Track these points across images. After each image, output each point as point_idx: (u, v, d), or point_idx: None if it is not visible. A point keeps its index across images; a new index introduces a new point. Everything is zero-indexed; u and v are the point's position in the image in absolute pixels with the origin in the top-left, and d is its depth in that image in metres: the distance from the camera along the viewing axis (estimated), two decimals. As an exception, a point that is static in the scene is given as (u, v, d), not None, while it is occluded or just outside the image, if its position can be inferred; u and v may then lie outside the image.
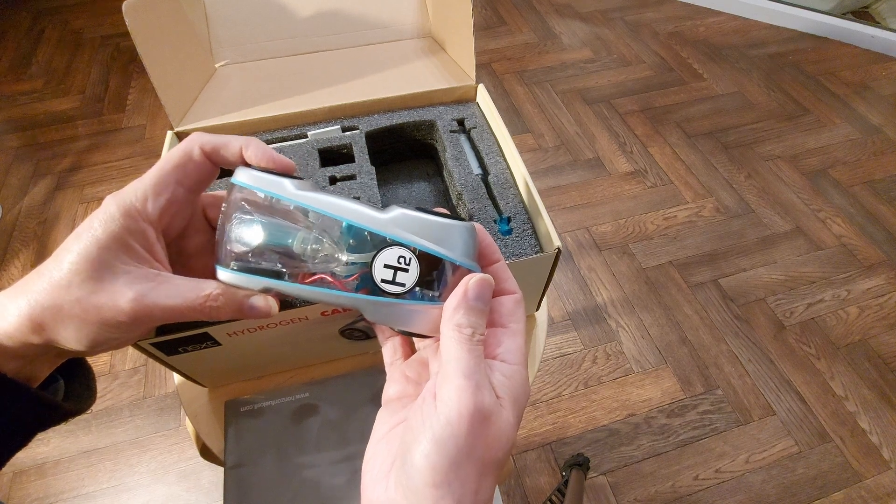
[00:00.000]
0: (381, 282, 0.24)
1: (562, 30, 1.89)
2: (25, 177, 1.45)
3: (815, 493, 0.93)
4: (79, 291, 0.23)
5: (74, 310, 0.23)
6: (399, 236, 0.24)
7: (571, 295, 1.19)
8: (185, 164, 0.26)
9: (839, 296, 1.17)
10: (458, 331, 0.22)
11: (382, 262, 0.24)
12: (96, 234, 0.23)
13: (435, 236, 0.24)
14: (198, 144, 0.26)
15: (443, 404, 0.20)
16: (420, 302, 0.24)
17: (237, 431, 0.41)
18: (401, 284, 0.24)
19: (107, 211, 0.24)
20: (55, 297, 0.22)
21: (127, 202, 0.24)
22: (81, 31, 1.93)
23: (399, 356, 0.28)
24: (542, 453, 0.98)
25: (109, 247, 0.23)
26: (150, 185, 0.25)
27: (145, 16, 0.42)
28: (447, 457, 0.20)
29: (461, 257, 0.24)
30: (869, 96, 1.62)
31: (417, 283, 0.24)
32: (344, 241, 0.24)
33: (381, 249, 0.24)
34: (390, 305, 0.24)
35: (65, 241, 0.24)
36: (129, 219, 0.24)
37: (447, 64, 0.54)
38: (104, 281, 0.23)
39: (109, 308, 0.23)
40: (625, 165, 1.45)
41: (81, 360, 0.29)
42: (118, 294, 0.23)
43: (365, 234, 0.24)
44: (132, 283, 0.23)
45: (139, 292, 0.23)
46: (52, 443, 0.99)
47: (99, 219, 0.24)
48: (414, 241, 0.24)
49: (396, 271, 0.24)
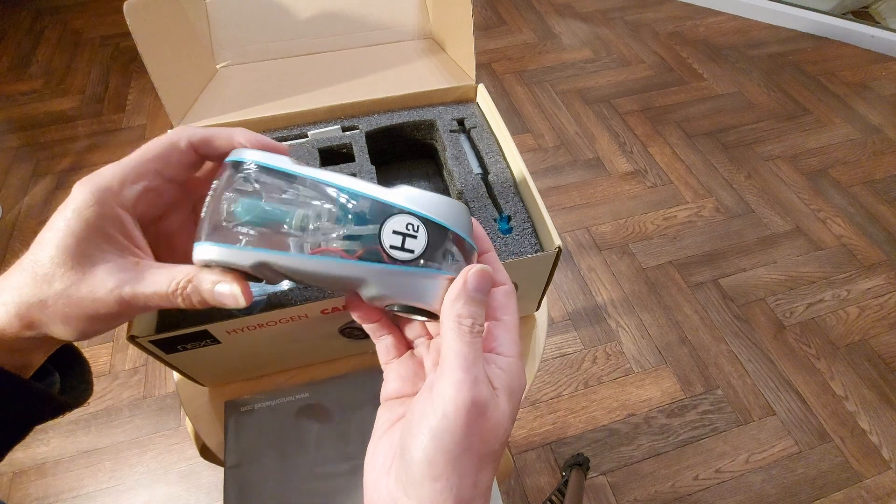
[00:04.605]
0: (389, 248, 0.23)
1: (562, 30, 1.89)
2: (25, 177, 1.45)
3: (815, 493, 0.93)
4: (60, 285, 0.22)
5: (59, 303, 0.22)
6: (407, 206, 0.24)
7: (571, 295, 1.19)
8: (169, 154, 0.25)
9: (839, 296, 1.17)
10: (458, 322, 0.22)
11: (391, 229, 0.24)
12: (70, 223, 0.22)
13: (437, 209, 0.24)
14: (185, 136, 0.25)
15: (440, 398, 0.21)
16: (427, 270, 0.24)
17: (237, 431, 0.41)
18: (409, 251, 0.24)
19: (79, 198, 0.23)
20: (39, 293, 0.22)
21: (101, 187, 0.23)
22: (81, 31, 1.93)
23: (393, 355, 0.28)
24: (542, 453, 0.98)
25: (86, 236, 0.23)
26: (129, 171, 0.24)
27: (146, 16, 0.42)
28: (445, 450, 0.20)
29: (463, 232, 0.25)
30: (869, 96, 1.62)
31: (426, 253, 0.24)
32: (350, 212, 0.24)
33: (389, 216, 0.24)
34: (398, 274, 0.24)
35: (40, 233, 0.23)
36: (104, 205, 0.23)
37: (447, 64, 0.54)
38: (84, 272, 0.23)
39: (92, 300, 0.23)
40: (625, 165, 1.45)
41: (77, 354, 0.29)
42: (98, 285, 0.23)
43: (374, 205, 0.24)
44: (112, 272, 0.23)
45: (119, 282, 0.23)
46: (52, 443, 0.99)
47: (71, 207, 0.23)
48: (422, 211, 0.24)
49: (405, 237, 0.24)
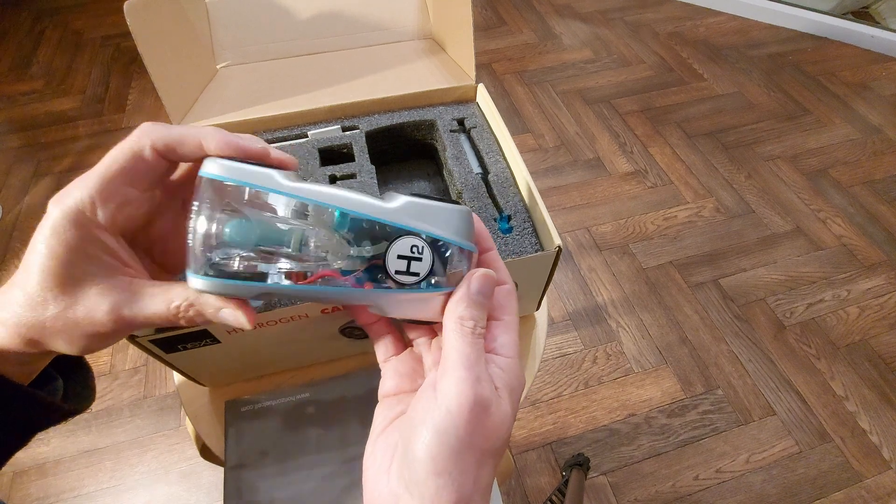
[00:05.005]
0: (395, 273, 0.23)
1: (562, 30, 1.89)
2: (26, 177, 1.45)
3: (816, 493, 0.93)
4: (55, 308, 0.22)
5: (56, 325, 0.22)
6: (410, 225, 0.23)
7: (571, 295, 1.19)
8: (134, 166, 0.23)
9: (839, 296, 1.17)
10: (461, 324, 0.22)
11: (396, 253, 0.23)
12: (52, 246, 0.21)
13: (439, 222, 0.23)
14: (148, 143, 0.23)
15: (443, 395, 0.21)
16: (431, 290, 0.23)
17: (237, 431, 0.41)
18: (415, 274, 0.23)
19: (56, 222, 0.21)
20: (36, 314, 0.22)
21: (73, 211, 0.22)
22: (82, 32, 1.93)
23: (392, 353, 0.28)
24: (543, 453, 0.98)
25: (70, 259, 0.22)
26: (98, 192, 0.22)
27: (146, 16, 0.42)
28: (448, 446, 0.20)
29: (465, 240, 0.24)
30: (869, 96, 1.62)
31: (429, 274, 0.23)
32: (346, 234, 0.23)
33: (394, 240, 0.23)
34: (404, 297, 0.23)
35: (25, 253, 0.22)
36: (82, 229, 0.22)
37: (447, 64, 0.54)
38: (75, 296, 0.22)
39: (89, 322, 0.22)
40: (625, 165, 1.45)
41: (80, 359, 0.29)
42: (94, 308, 0.22)
43: (372, 226, 0.23)
44: (105, 294, 0.22)
45: (114, 304, 0.22)
46: (53, 443, 0.99)
47: (50, 230, 0.21)
48: (424, 228, 0.23)
49: (410, 261, 0.23)
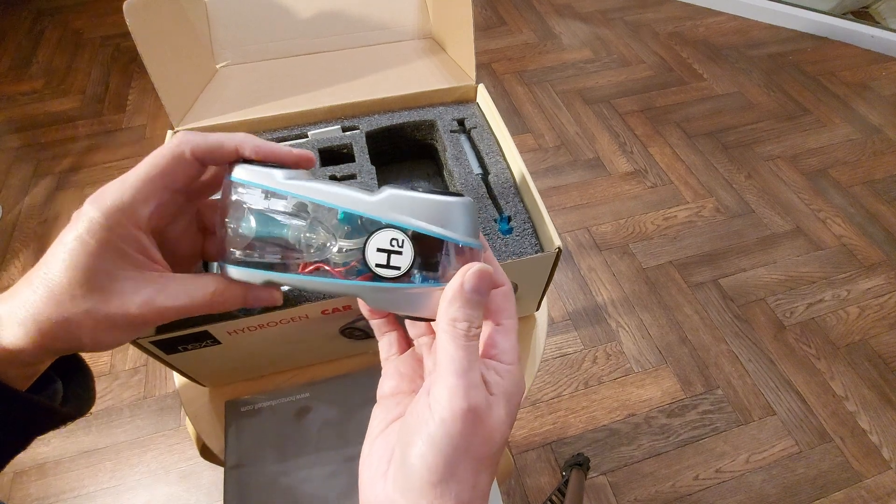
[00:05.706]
0: (375, 266, 0.23)
1: (562, 30, 1.89)
2: (26, 177, 1.45)
3: (816, 493, 0.93)
4: (85, 303, 0.22)
5: (85, 321, 0.23)
6: (389, 218, 0.23)
7: (571, 295, 1.19)
8: (175, 168, 0.25)
9: (839, 296, 1.17)
10: (453, 325, 0.22)
11: (375, 246, 0.23)
12: (86, 243, 0.22)
13: (429, 215, 0.23)
14: (189, 148, 0.25)
15: (436, 403, 0.20)
16: (421, 285, 0.23)
17: (237, 431, 0.41)
18: (395, 268, 0.23)
19: (93, 220, 0.23)
20: (62, 311, 0.22)
21: (113, 210, 0.23)
22: (82, 32, 1.93)
23: (395, 351, 0.28)
24: (543, 453, 0.98)
25: (104, 256, 0.23)
26: (139, 192, 0.24)
27: (146, 16, 0.42)
28: (443, 456, 0.20)
29: (461, 235, 0.23)
30: (869, 96, 1.62)
31: (415, 266, 0.23)
32: (337, 227, 0.23)
33: (372, 234, 0.23)
34: (388, 290, 0.23)
35: (51, 249, 0.23)
36: (120, 226, 0.23)
37: (447, 64, 0.54)
38: (109, 291, 0.23)
39: (121, 316, 0.23)
40: (625, 165, 1.45)
41: (80, 362, 0.29)
42: (127, 302, 0.23)
43: (357, 219, 0.23)
44: (138, 288, 0.24)
45: (147, 297, 0.24)
46: (53, 443, 0.99)
47: (85, 227, 0.23)
48: (406, 222, 0.23)
49: (390, 254, 0.23)
